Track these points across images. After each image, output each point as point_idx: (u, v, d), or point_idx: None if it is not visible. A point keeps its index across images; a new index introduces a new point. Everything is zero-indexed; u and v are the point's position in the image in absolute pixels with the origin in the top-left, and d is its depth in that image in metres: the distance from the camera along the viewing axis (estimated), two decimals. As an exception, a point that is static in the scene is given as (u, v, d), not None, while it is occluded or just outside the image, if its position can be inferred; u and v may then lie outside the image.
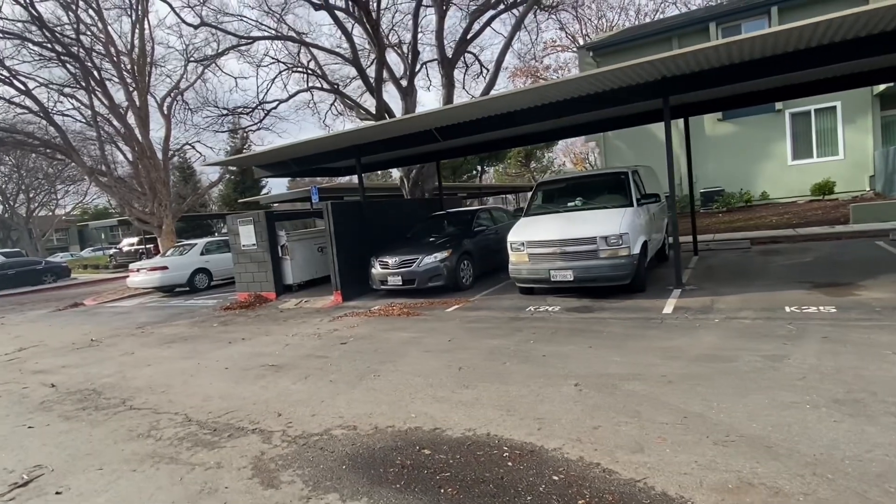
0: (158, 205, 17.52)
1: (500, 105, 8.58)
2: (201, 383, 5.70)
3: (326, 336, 7.37)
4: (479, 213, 11.12)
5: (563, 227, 7.87)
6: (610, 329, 6.09)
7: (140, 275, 14.55)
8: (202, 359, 6.86)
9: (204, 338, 8.32)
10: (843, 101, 15.15)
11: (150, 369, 6.60)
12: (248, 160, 11.83)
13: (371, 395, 4.69)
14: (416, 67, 19.16)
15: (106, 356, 7.71)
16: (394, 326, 7.53)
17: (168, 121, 18.78)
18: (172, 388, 5.61)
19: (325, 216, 10.18)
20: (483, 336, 6.39)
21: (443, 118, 9.32)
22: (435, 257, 9.44)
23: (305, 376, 5.51)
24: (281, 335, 7.81)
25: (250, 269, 11.62)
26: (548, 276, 7.78)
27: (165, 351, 7.64)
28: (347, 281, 10.33)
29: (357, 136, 10.37)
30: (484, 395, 4.39)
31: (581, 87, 7.95)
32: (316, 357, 6.28)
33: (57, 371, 7.09)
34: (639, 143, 18.20)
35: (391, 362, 5.68)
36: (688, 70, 7.48)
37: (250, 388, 5.31)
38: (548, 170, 60.56)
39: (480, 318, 7.46)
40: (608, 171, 9.10)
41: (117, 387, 5.93)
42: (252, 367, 6.11)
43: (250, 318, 9.75)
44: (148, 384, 5.89)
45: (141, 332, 9.51)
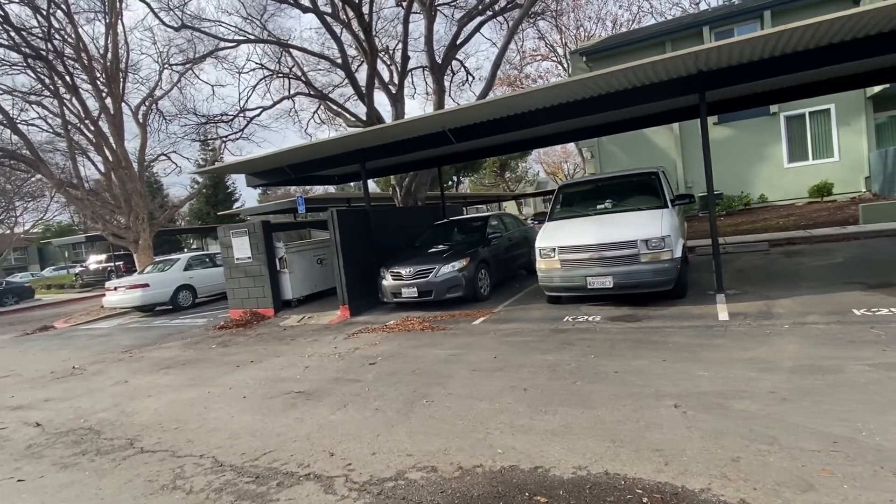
0: (135, 218, 16.39)
1: (520, 103, 8.08)
2: (220, 416, 4.92)
3: (348, 356, 6.64)
4: (490, 219, 10.56)
5: (598, 230, 7.37)
6: (673, 339, 5.57)
7: (118, 293, 13.45)
8: (210, 386, 6.05)
9: (205, 361, 7.47)
10: (836, 104, 15.26)
11: (153, 401, 5.75)
12: (242, 167, 11.01)
13: (434, 426, 4.03)
14: (406, 73, 18.63)
15: (95, 386, 6.79)
16: (422, 343, 6.86)
17: (144, 130, 17.70)
18: (187, 424, 4.82)
19: (330, 225, 9.45)
20: (530, 351, 5.79)
21: (457, 119, 8.76)
22: (452, 267, 8.82)
23: (344, 404, 4.80)
24: (294, 356, 7.04)
25: (245, 284, 10.76)
26: (584, 283, 7.25)
27: (164, 378, 6.78)
28: (354, 294, 9.61)
29: (362, 140, 9.72)
30: (573, 423, 3.78)
31: (611, 83, 7.51)
32: (346, 381, 5.57)
33: (39, 406, 6.16)
34: (634, 147, 18.05)
35: (438, 384, 5.02)
36: (725, 64, 7.14)
37: (283, 421, 4.57)
38: (522, 179, 60.69)
39: (516, 331, 6.85)
40: (637, 172, 8.68)
41: (118, 424, 5.09)
42: (276, 395, 5.35)
43: (251, 337, 8.91)
44: (155, 420, 5.07)
45: (129, 356, 8.56)
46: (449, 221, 11.29)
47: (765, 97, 8.87)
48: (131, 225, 16.51)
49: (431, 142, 9.63)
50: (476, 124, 9.03)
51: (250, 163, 10.71)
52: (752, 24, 16.04)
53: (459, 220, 11.29)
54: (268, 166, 11.09)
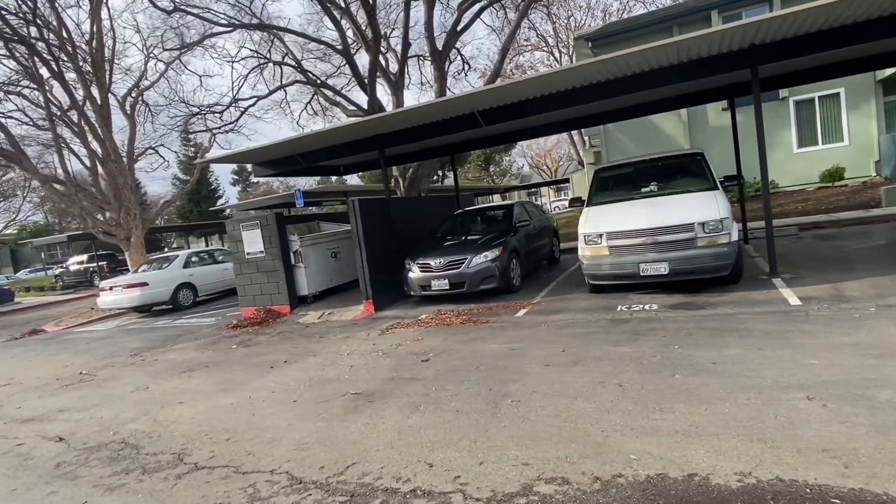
0: (126, 214, 15.54)
1: (560, 81, 7.62)
2: (276, 424, 4.38)
3: (393, 353, 6.14)
4: (514, 207, 10.11)
5: (649, 214, 6.96)
6: (754, 326, 5.19)
7: (113, 293, 12.67)
8: (248, 390, 5.50)
9: (230, 363, 6.89)
10: (846, 88, 15.16)
11: (187, 408, 5.18)
12: (250, 155, 10.35)
13: (535, 429, 3.57)
14: (406, 60, 18.03)
15: (112, 393, 6.17)
16: (469, 337, 6.39)
17: (132, 121, 16.80)
18: (239, 434, 4.28)
19: (351, 216, 8.89)
20: (600, 343, 5.36)
21: (489, 99, 8.28)
22: (485, 257, 8.35)
23: (415, 406, 4.31)
24: (331, 355, 6.51)
25: (257, 280, 10.13)
26: (636, 270, 6.85)
27: (189, 382, 6.19)
28: (377, 288, 9.08)
29: (381, 125, 9.17)
30: (701, 421, 3.36)
31: (659, 58, 7.12)
32: (404, 380, 5.07)
33: (54, 417, 5.53)
34: (640, 134, 17.76)
35: (514, 381, 4.57)
36: (780, 36, 6.79)
37: (352, 427, 4.06)
38: (507, 173, 60.33)
39: (570, 322, 6.43)
40: (680, 153, 8.32)
41: (156, 436, 4.52)
42: (330, 398, 4.83)
43: (272, 336, 8.33)
44: (198, 430, 4.51)
45: (141, 360, 7.91)
46: (470, 211, 10.82)
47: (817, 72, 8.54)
48: (122, 222, 15.65)
49: (456, 126, 9.14)
50: (507, 105, 8.56)
51: (259, 151, 10.07)
52: (760, 8, 15.82)
53: (481, 209, 10.82)
54: (278, 154, 10.46)
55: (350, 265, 11.58)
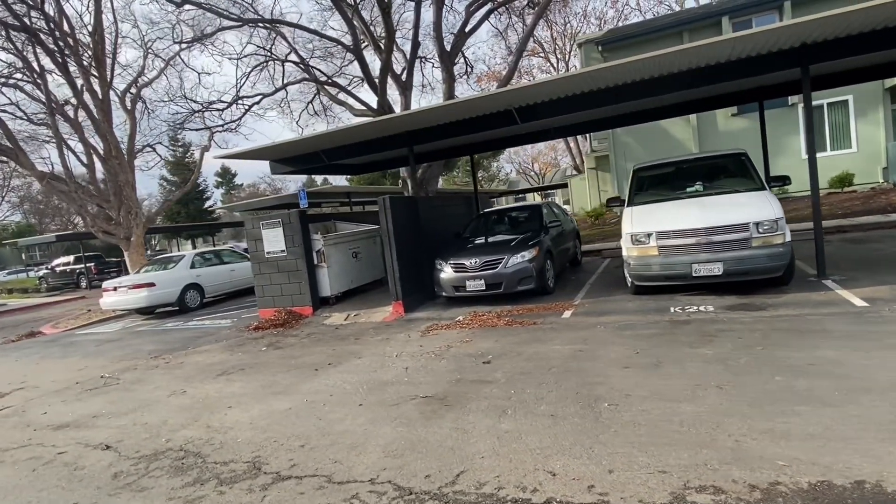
0: (127, 213, 15.00)
1: (605, 77, 7.45)
2: (349, 429, 4.08)
3: (446, 355, 5.87)
4: (542, 208, 9.92)
5: (700, 213, 6.81)
6: (833, 328, 5.05)
7: (117, 294, 12.15)
8: (301, 394, 5.18)
9: (266, 366, 6.54)
10: (854, 95, 15.35)
11: (240, 413, 4.84)
12: (269, 152, 10.00)
13: (652, 434, 3.34)
14: (415, 60, 17.82)
15: (146, 398, 5.78)
16: (523, 339, 6.15)
17: (132, 117, 16.27)
18: (312, 440, 3.97)
19: (382, 214, 8.61)
20: (673, 345, 5.17)
21: (528, 96, 8.09)
22: (522, 257, 8.13)
23: (502, 410, 4.05)
24: (377, 357, 6.21)
25: (277, 280, 9.76)
26: (688, 270, 6.68)
27: (230, 386, 5.83)
28: (406, 289, 8.79)
29: (412, 121, 8.94)
30: (832, 423, 3.16)
31: (711, 54, 7.01)
32: (473, 382, 4.81)
33: (90, 423, 5.14)
34: (649, 139, 17.79)
35: (599, 384, 4.34)
36: (832, 36, 6.73)
37: (439, 432, 3.79)
38: (495, 178, 60.35)
39: (627, 323, 6.23)
40: (722, 153, 8.22)
41: (217, 443, 4.18)
42: (399, 402, 4.55)
43: (301, 338, 7.98)
44: (263, 436, 4.19)
45: (165, 362, 7.50)
46: (497, 211, 10.61)
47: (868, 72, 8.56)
48: (122, 220, 15.11)
49: (488, 123, 8.94)
50: (545, 103, 8.39)
51: (281, 147, 9.73)
52: (770, 15, 15.98)
53: (508, 209, 10.61)
54: (301, 151, 10.13)
55: (369, 266, 11.28)
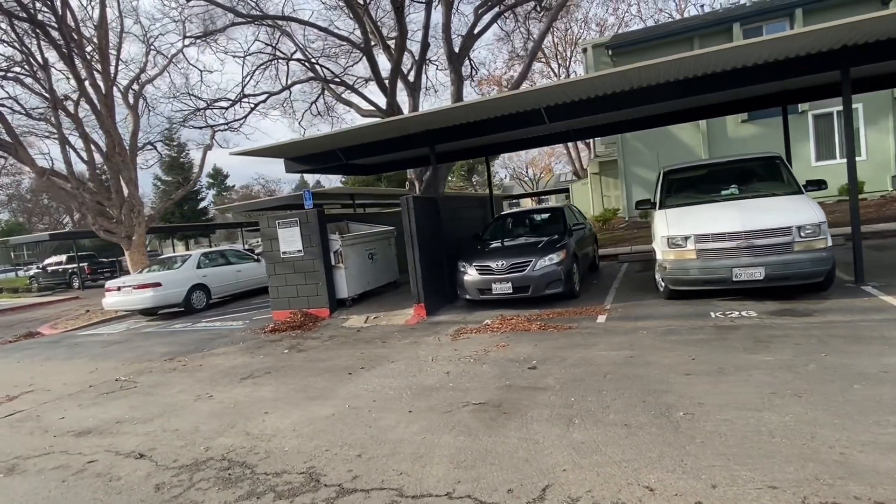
0: (129, 211, 14.62)
1: (641, 77, 7.30)
2: (405, 438, 3.84)
3: (486, 360, 5.64)
4: (565, 209, 9.75)
5: (741, 216, 6.65)
6: (891, 334, 4.90)
7: (121, 294, 11.78)
8: (340, 399, 4.92)
9: (293, 369, 6.27)
10: (864, 103, 15.39)
11: (279, 419, 4.58)
12: (286, 149, 9.71)
13: (746, 446, 3.14)
14: (424, 61, 17.65)
15: (171, 402, 5.49)
16: (564, 343, 5.94)
17: (135, 113, 15.92)
18: (369, 449, 3.72)
19: (404, 214, 8.38)
20: (726, 351, 4.98)
21: (556, 95, 7.91)
22: (550, 259, 7.94)
23: (568, 419, 3.83)
24: (410, 361, 5.96)
25: (293, 281, 9.47)
26: (728, 275, 6.52)
27: (260, 390, 5.56)
28: (427, 291, 8.55)
29: (434, 120, 8.72)
30: (943, 436, 2.98)
31: (750, 55, 6.88)
32: (525, 389, 4.59)
33: (115, 430, 4.84)
34: (658, 144, 17.74)
35: (663, 392, 4.13)
36: (873, 38, 6.64)
37: (507, 443, 3.56)
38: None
39: (669, 328, 6.04)
40: (755, 156, 8.10)
41: (262, 452, 3.92)
42: (451, 409, 4.31)
43: (323, 340, 7.71)
44: (312, 444, 3.93)
45: (182, 365, 7.19)
46: (518, 213, 10.46)
47: None
48: (123, 219, 14.72)
49: (513, 123, 8.75)
50: (574, 102, 8.22)
51: (298, 144, 9.47)
52: (781, 23, 16.01)
53: (529, 211, 10.44)
54: (318, 149, 9.87)
55: (384, 268, 11.04)
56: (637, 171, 18.34)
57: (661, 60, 6.71)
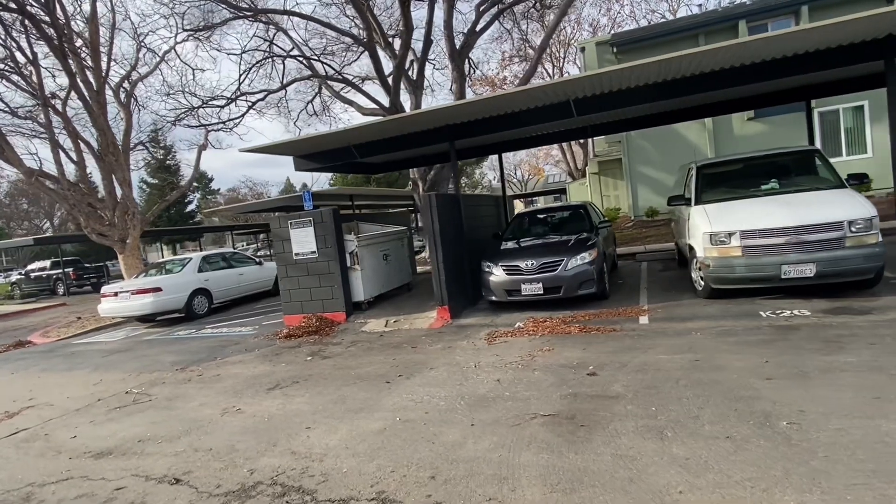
0: (123, 213, 14.00)
1: (682, 66, 6.99)
2: (480, 456, 3.45)
3: (536, 366, 5.27)
4: (587, 207, 9.44)
5: (788, 211, 6.37)
6: (973, 332, 4.64)
7: (118, 300, 11.19)
8: (386, 411, 4.51)
9: (322, 378, 5.84)
10: (870, 100, 15.35)
11: (325, 436, 4.15)
12: (298, 146, 9.25)
13: (880, 462, 2.81)
14: (426, 58, 17.29)
15: (196, 417, 5.02)
16: (615, 347, 5.59)
17: (127, 112, 15.28)
18: (442, 470, 3.32)
19: (427, 212, 7.99)
20: (798, 352, 4.68)
21: (587, 86, 7.60)
22: (582, 258, 7.61)
23: (658, 431, 3.48)
24: (451, 368, 5.57)
25: (307, 284, 9.02)
26: (777, 272, 6.24)
27: (293, 402, 5.12)
28: (451, 293, 8.17)
29: (456, 114, 8.34)
30: None
31: (794, 44, 6.65)
32: (593, 397, 4.23)
33: (138, 450, 4.37)
34: (663, 142, 17.55)
35: (752, 399, 3.80)
36: (920, 26, 6.43)
37: (602, 461, 3.19)
38: (478, 185, 60.07)
39: (724, 329, 5.72)
40: (793, 150, 7.89)
41: (317, 474, 3.50)
42: (519, 421, 3.93)
43: (347, 346, 7.28)
44: (373, 465, 3.52)
45: (197, 375, 6.70)
46: (538, 210, 10.13)
47: None
48: (117, 221, 14.09)
49: (540, 116, 8.42)
50: (604, 94, 7.92)
51: (311, 140, 9.04)
52: (787, 20, 15.95)
53: (550, 209, 10.11)
54: (330, 146, 9.45)
55: (398, 269, 10.64)
56: (643, 169, 18.14)
57: (706, 48, 6.45)
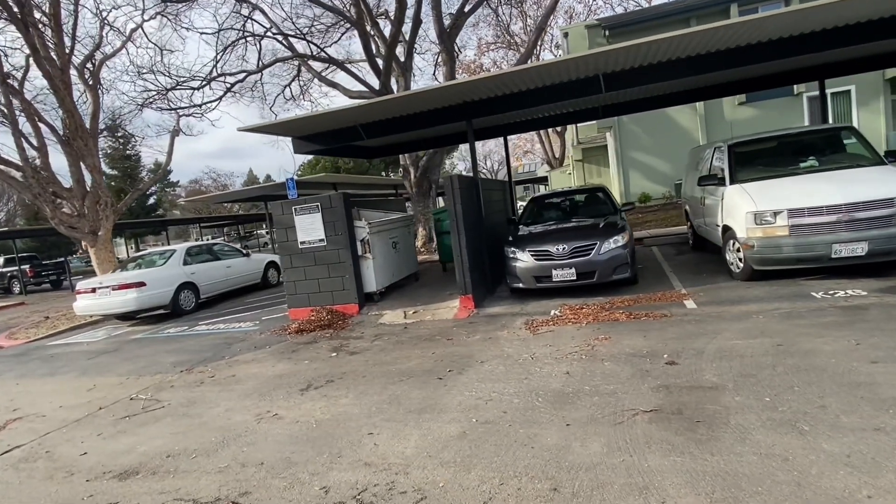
0: (94, 203, 12.89)
1: (731, 34, 6.60)
2: (599, 461, 3.00)
3: (605, 356, 4.86)
4: (606, 189, 9.09)
5: (837, 189, 6.15)
6: None
7: (97, 297, 10.23)
8: (454, 411, 4.01)
9: (362, 376, 5.27)
10: (857, 85, 15.61)
11: (395, 443, 3.62)
12: (300, 124, 8.49)
13: None
14: (415, 39, 16.62)
15: (225, 425, 4.40)
16: (676, 334, 5.24)
17: (94, 93, 14.06)
18: (563, 483, 2.86)
19: (449, 195, 7.47)
20: (887, 334, 4.41)
21: (618, 59, 7.19)
22: (616, 242, 7.25)
23: (791, 425, 3.11)
24: (504, 360, 5.10)
25: (314, 274, 8.36)
26: (827, 252, 6.02)
27: (337, 404, 4.55)
28: (474, 281, 7.70)
29: (476, 89, 7.81)
30: None
31: (822, 18, 6.40)
32: (689, 389, 3.84)
33: (169, 468, 3.74)
34: (655, 128, 17.52)
35: (874, 385, 3.49)
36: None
37: (745, 463, 2.79)
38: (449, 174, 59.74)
39: (787, 312, 5.44)
40: (825, 127, 7.71)
41: (408, 491, 2.98)
42: (621, 419, 3.50)
43: (371, 340, 6.71)
44: (476, 479, 3.03)
45: (209, 377, 6.02)
46: (555, 194, 9.76)
47: None
48: (86, 212, 12.98)
49: (563, 93, 7.99)
50: (634, 69, 7.55)
51: (315, 119, 8.35)
52: (776, 3, 16.00)
53: (568, 192, 9.75)
54: (337, 125, 8.76)
55: (406, 258, 10.11)
56: (634, 155, 18.04)
57: (758, 16, 6.13)
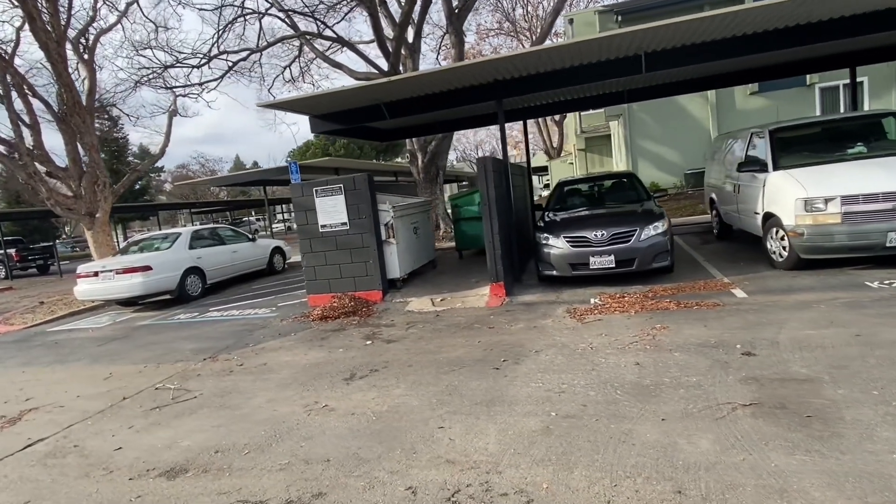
0: (91, 183, 12.33)
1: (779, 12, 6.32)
2: (718, 460, 2.73)
3: (670, 346, 4.60)
4: (636, 176, 8.83)
5: (890, 175, 5.95)
6: None
7: (99, 281, 9.76)
8: (524, 403, 3.73)
9: (407, 365, 4.96)
10: (869, 76, 15.49)
11: (472, 438, 3.33)
12: (321, 100, 8.05)
13: None
14: (424, 19, 16.15)
15: (271, 417, 4.07)
16: (737, 324, 5.00)
17: (90, 68, 13.44)
18: (686, 484, 2.58)
19: (481, 178, 7.15)
20: (968, 324, 4.22)
21: (661, 37, 6.88)
22: (656, 228, 6.99)
23: (917, 422, 2.87)
24: (561, 350, 4.83)
25: (335, 259, 8.00)
26: (882, 240, 5.83)
27: (389, 395, 4.23)
28: (504, 268, 7.41)
29: (508, 66, 7.44)
30: None
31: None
32: (778, 382, 3.60)
33: (222, 465, 3.41)
34: (665, 116, 17.29)
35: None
36: None
37: (887, 462, 2.55)
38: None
39: (847, 301, 5.23)
40: (868, 113, 7.54)
41: (510, 493, 2.69)
42: (721, 415, 3.24)
43: (404, 328, 6.38)
44: (584, 479, 2.75)
45: (238, 365, 5.66)
46: (583, 180, 9.50)
47: None
48: (84, 193, 12.42)
49: (600, 73, 7.68)
50: (675, 49, 7.26)
51: (337, 95, 7.92)
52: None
53: (596, 177, 9.45)
54: (356, 103, 8.35)
55: (425, 244, 9.79)
56: (643, 144, 17.82)
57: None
